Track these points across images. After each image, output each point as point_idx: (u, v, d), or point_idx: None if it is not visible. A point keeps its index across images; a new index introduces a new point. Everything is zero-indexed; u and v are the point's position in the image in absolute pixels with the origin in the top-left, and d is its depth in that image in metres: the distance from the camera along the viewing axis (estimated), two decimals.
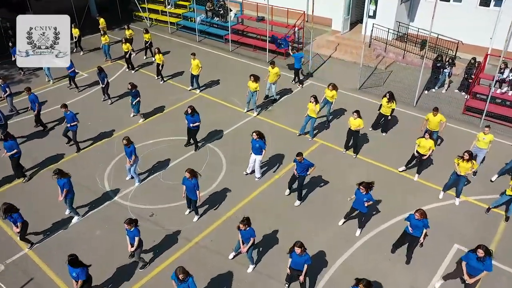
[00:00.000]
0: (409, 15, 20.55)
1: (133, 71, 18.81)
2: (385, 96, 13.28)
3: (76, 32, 19.97)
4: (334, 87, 13.74)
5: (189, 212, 10.68)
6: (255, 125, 14.36)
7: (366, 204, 9.39)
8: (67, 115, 12.74)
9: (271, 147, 13.14)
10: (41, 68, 18.14)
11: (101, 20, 20.96)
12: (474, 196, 11.22)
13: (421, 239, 8.80)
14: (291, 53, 16.92)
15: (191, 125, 12.60)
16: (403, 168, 12.09)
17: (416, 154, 11.44)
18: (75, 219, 10.64)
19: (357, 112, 12.14)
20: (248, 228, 8.48)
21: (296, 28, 19.82)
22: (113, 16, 25.51)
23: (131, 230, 8.56)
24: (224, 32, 21.55)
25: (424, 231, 8.71)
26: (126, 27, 20.16)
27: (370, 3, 20.10)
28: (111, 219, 10.58)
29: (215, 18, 22.54)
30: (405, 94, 16.18)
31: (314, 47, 19.52)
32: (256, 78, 14.22)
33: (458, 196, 10.93)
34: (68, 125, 12.79)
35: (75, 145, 13.24)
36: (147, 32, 19.47)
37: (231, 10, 22.17)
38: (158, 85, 17.56)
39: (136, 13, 25.38)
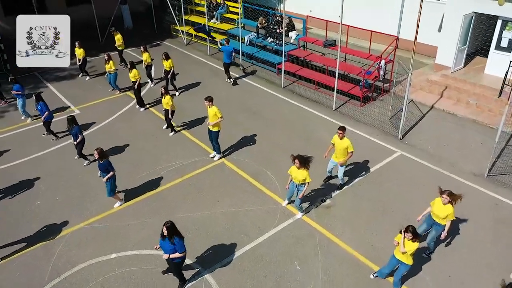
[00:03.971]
0: None
1: (142, 109, 13.43)
2: None
3: (80, 53, 14.92)
4: (452, 197, 7.02)
5: None
6: (297, 238, 8.08)
7: None
8: None
9: None
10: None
11: (118, 37, 15.86)
12: None
13: None
14: (219, 46, 15.31)
15: (165, 257, 6.66)
16: None
17: None
18: None
19: None
20: None
21: (383, 61, 13.13)
22: (147, 29, 20.75)
23: None
24: (277, 59, 15.50)
25: None
26: (142, 49, 14.68)
27: (505, 28, 12.87)
28: None
29: (269, 38, 16.55)
30: None
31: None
32: (305, 163, 7.92)
33: None
34: None
35: None
36: (167, 57, 13.84)
37: (291, 30, 16.03)
38: (165, 137, 11.90)
39: (175, 27, 20.24)
